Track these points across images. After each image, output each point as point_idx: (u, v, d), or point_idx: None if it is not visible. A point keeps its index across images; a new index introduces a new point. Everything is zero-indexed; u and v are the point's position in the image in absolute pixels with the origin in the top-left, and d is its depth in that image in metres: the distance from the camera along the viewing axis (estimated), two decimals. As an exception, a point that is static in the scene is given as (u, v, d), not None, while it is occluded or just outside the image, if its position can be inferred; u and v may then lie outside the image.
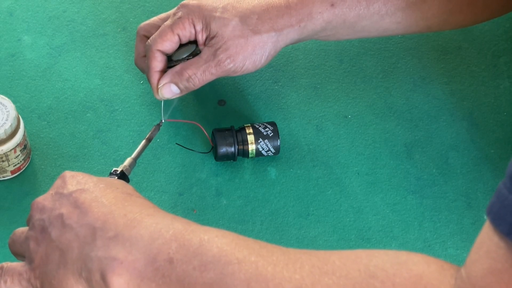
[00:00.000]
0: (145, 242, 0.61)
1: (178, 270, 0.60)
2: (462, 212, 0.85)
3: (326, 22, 0.83)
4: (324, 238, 0.83)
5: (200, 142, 0.88)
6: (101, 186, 0.66)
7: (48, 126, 0.89)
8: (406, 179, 0.87)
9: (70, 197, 0.65)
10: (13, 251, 0.68)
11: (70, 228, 0.63)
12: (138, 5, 0.99)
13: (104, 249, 0.61)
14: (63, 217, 0.64)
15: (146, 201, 0.66)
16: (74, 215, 0.64)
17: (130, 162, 0.79)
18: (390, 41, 0.97)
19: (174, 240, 0.61)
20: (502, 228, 0.51)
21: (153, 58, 0.82)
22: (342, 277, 0.57)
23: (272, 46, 0.82)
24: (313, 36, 0.84)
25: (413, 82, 0.94)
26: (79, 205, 0.64)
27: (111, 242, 0.62)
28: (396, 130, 0.90)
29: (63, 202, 0.65)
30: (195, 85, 0.82)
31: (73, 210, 0.64)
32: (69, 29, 0.97)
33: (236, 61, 0.81)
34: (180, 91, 0.83)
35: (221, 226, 0.82)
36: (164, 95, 0.82)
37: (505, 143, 0.90)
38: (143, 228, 0.62)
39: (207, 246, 0.60)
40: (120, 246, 0.61)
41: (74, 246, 0.63)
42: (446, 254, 0.82)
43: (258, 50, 0.82)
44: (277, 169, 0.87)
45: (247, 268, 0.59)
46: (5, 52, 0.94)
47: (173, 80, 0.82)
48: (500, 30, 0.99)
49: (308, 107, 0.92)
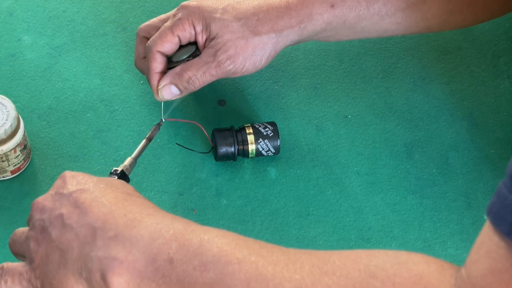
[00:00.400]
0: (145, 242, 0.61)
1: (178, 270, 0.60)
2: (462, 212, 0.85)
3: (326, 23, 0.83)
4: (324, 238, 0.83)
5: (200, 142, 0.88)
6: (101, 186, 0.66)
7: (48, 126, 0.89)
8: (406, 179, 0.87)
9: (70, 197, 0.65)
10: (14, 251, 0.68)
11: (70, 228, 0.63)
12: (138, 5, 0.99)
13: (104, 249, 0.61)
14: (63, 217, 0.64)
15: (146, 201, 0.66)
16: (74, 215, 0.64)
17: (130, 162, 0.79)
18: (390, 41, 0.97)
19: (174, 240, 0.61)
20: (502, 228, 0.51)
21: (153, 60, 0.82)
22: (342, 277, 0.57)
23: (272, 47, 0.82)
24: (313, 37, 0.84)
25: (413, 82, 0.94)
26: (79, 205, 0.64)
27: (111, 242, 0.62)
28: (396, 130, 0.90)
29: (63, 202, 0.65)
30: (195, 86, 0.82)
31: (73, 210, 0.64)
32: (69, 29, 0.97)
33: (236, 62, 0.81)
34: (180, 92, 0.82)
35: (221, 226, 0.82)
36: (164, 96, 0.82)
37: (505, 143, 0.90)
38: (143, 228, 0.62)
39: (207, 246, 0.60)
40: (120, 246, 0.61)
41: (74, 246, 0.63)
42: (446, 254, 0.82)
43: (258, 51, 0.82)
44: (277, 169, 0.87)
45: (247, 268, 0.59)
46: (5, 52, 0.94)
47: (173, 82, 0.82)
48: (500, 30, 0.99)
49: (308, 107, 0.92)
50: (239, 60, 0.81)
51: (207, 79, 0.82)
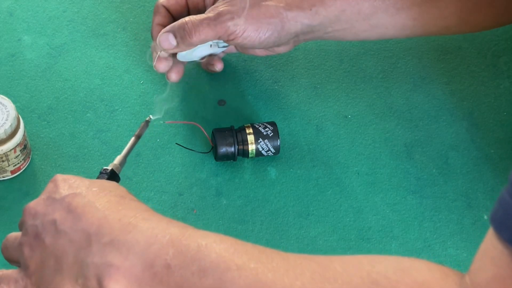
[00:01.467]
0: (141, 247, 0.60)
1: (176, 276, 0.59)
2: (462, 212, 0.85)
3: (339, 10, 0.81)
4: (324, 238, 0.83)
5: (200, 142, 0.88)
6: (94, 189, 0.65)
7: (48, 126, 0.89)
8: (406, 179, 0.87)
9: (62, 202, 0.64)
10: (6, 257, 0.68)
11: (64, 234, 0.62)
12: (138, 5, 0.99)
13: (100, 254, 0.60)
14: (56, 222, 0.63)
15: (140, 204, 0.65)
16: (67, 221, 0.63)
17: (120, 160, 0.77)
18: (390, 41, 0.97)
19: (171, 245, 0.60)
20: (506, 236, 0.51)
21: (157, 13, 0.84)
22: (344, 284, 0.56)
23: (280, 24, 0.81)
24: (327, 29, 0.83)
25: (413, 82, 0.94)
26: (72, 210, 0.63)
27: (107, 247, 0.61)
28: (396, 130, 0.90)
29: (56, 207, 0.64)
30: (191, 38, 0.80)
31: (66, 215, 0.63)
32: (69, 29, 0.97)
33: (237, 21, 0.79)
34: (176, 44, 0.81)
35: (221, 226, 0.82)
36: (161, 43, 0.81)
37: (505, 143, 0.90)
38: (139, 233, 0.61)
39: (205, 252, 0.59)
40: (116, 251, 0.60)
41: (69, 252, 0.62)
42: (446, 254, 0.82)
43: (263, 19, 0.80)
44: (277, 169, 0.87)
45: (246, 274, 0.58)
46: (5, 52, 0.94)
47: (171, 30, 0.81)
48: (500, 30, 0.99)
49: (308, 107, 0.92)
50: (241, 21, 0.79)
51: (204, 31, 0.79)
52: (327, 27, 0.83)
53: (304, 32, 0.83)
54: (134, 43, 0.95)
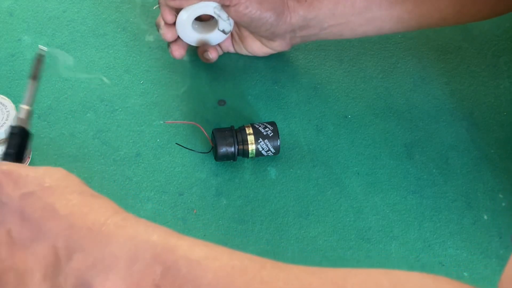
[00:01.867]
0: (122, 265, 0.52)
1: None
2: (462, 212, 0.85)
3: (333, 3, 0.82)
4: (324, 238, 0.83)
5: (200, 142, 0.88)
6: (45, 185, 0.56)
7: (48, 126, 0.89)
8: (406, 179, 0.87)
9: (13, 207, 0.55)
10: None
11: (24, 247, 0.54)
12: (138, 5, 0.99)
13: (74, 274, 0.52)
14: (11, 233, 0.54)
15: (105, 202, 0.57)
16: (25, 231, 0.54)
17: (25, 113, 0.65)
18: (390, 41, 0.97)
19: (157, 262, 0.52)
20: None
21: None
22: None
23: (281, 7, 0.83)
24: (323, 24, 0.84)
25: (413, 82, 0.94)
26: (28, 218, 0.54)
27: (81, 265, 0.52)
28: (396, 130, 0.90)
29: (7, 215, 0.55)
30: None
31: (21, 224, 0.54)
32: (69, 29, 0.97)
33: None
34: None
35: (221, 226, 0.82)
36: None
37: (505, 143, 0.90)
38: (117, 247, 0.53)
39: (198, 272, 0.51)
40: (93, 271, 0.52)
41: (34, 269, 0.53)
42: (446, 254, 0.82)
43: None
44: (277, 169, 0.87)
45: None
46: (5, 52, 0.94)
47: None
48: (500, 30, 0.99)
49: (308, 107, 0.92)
50: None
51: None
52: (323, 22, 0.84)
53: (300, 26, 0.84)
54: (134, 43, 0.95)
